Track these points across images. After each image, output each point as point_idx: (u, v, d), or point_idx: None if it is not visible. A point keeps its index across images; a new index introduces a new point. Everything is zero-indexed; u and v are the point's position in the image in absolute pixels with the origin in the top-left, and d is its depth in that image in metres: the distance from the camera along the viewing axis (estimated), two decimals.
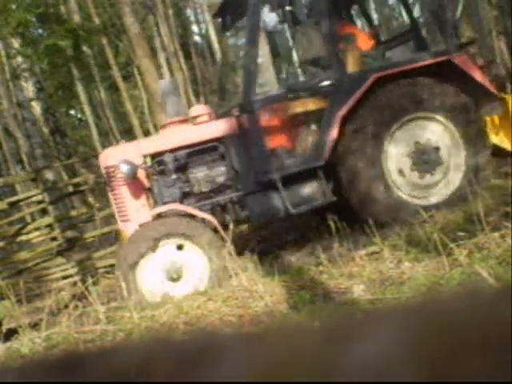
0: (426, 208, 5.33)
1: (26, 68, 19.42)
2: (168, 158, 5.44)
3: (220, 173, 5.62)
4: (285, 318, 3.77)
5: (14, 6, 15.91)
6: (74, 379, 0.47)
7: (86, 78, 18.86)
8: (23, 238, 8.30)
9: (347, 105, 5.52)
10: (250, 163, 5.59)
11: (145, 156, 5.53)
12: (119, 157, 5.31)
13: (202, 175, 5.57)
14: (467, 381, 0.37)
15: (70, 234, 8.94)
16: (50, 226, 8.22)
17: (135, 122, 20.21)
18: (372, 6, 30.26)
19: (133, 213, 5.36)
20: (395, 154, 5.69)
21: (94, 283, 5.85)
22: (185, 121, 5.77)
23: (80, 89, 18.67)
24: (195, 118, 5.80)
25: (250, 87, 5.56)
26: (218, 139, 5.61)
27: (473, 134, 5.74)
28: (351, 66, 5.98)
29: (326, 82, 5.67)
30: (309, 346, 0.42)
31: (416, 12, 26.84)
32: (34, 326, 4.73)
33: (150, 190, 5.53)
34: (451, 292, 0.46)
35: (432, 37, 6.71)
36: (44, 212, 8.75)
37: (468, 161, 5.75)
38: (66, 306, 4.74)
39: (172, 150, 5.50)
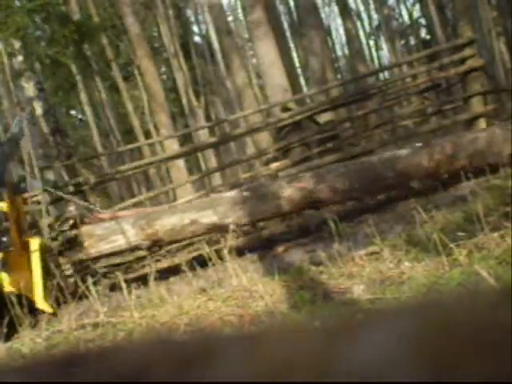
0: None
1: (27, 68, 19.42)
2: None
3: None
4: (285, 318, 3.77)
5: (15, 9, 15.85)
6: (74, 379, 0.47)
7: (87, 78, 18.84)
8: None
9: None
10: None
11: None
12: None
13: None
14: (467, 381, 0.37)
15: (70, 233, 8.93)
16: (50, 226, 8.20)
17: (136, 123, 20.21)
18: (372, 6, 30.25)
19: None
20: None
21: (95, 283, 5.85)
22: None
23: (81, 89, 18.65)
24: None
25: None
26: None
27: None
28: None
29: None
30: (309, 345, 0.42)
31: (416, 12, 26.46)
32: (35, 325, 4.73)
33: None
34: (452, 292, 0.46)
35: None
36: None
37: None
38: (66, 302, 4.75)
39: None
